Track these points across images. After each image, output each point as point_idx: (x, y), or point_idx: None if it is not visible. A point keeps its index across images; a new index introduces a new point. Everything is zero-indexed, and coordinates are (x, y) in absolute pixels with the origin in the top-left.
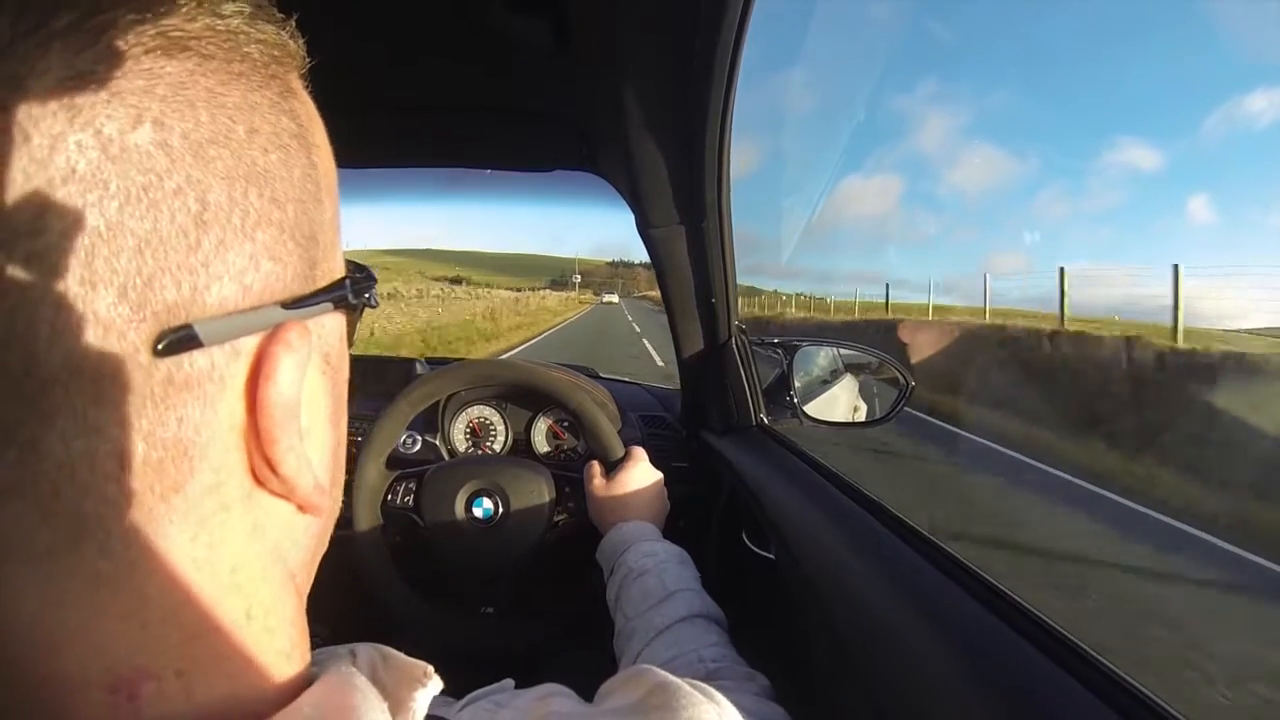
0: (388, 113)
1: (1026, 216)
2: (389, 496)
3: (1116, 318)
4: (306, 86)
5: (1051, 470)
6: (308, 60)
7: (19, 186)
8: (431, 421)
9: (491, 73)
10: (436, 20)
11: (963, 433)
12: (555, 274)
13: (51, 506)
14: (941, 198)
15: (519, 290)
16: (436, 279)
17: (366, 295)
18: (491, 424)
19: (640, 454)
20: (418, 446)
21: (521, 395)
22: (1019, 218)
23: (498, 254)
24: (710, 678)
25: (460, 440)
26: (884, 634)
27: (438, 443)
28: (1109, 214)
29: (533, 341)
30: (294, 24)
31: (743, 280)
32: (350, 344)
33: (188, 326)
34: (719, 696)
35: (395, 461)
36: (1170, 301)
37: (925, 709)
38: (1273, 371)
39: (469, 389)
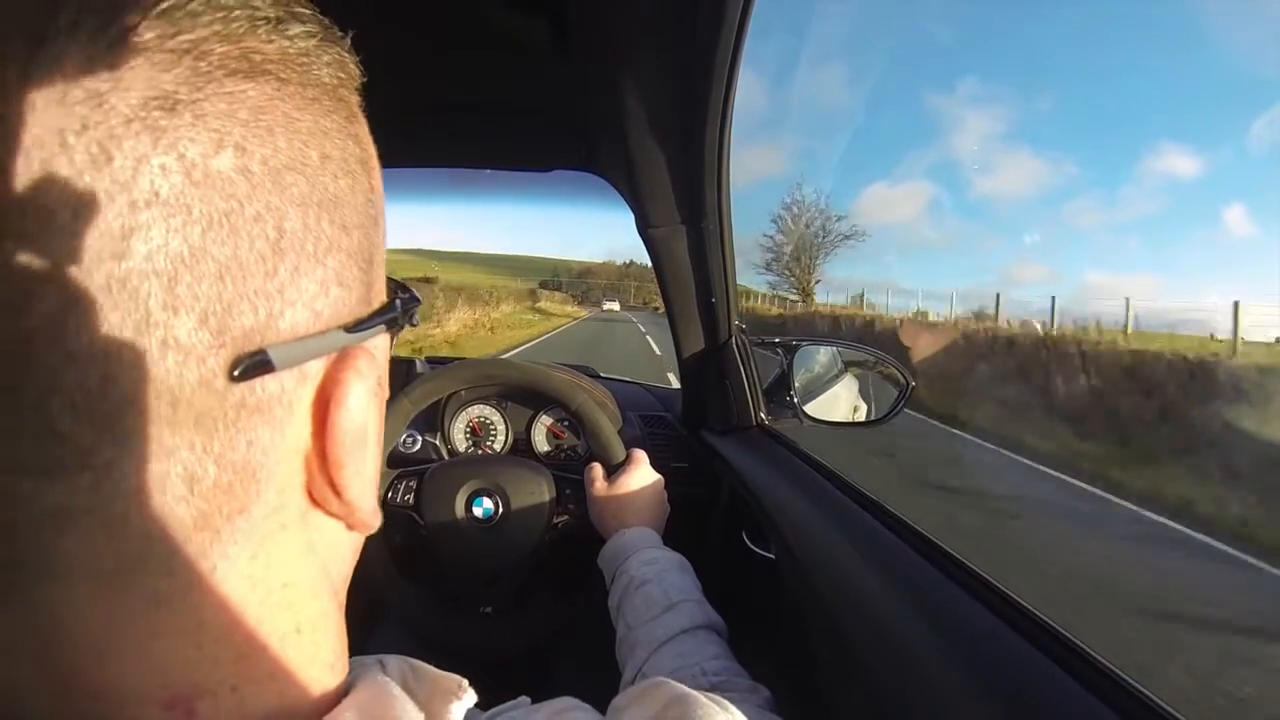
0: (386, 113)
1: (1052, 224)
2: (389, 495)
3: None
4: (362, 106)
5: None
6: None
7: (102, 209)
8: (432, 420)
9: (491, 73)
10: (436, 20)
11: None
12: (548, 274)
13: (121, 529)
14: (962, 204)
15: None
16: (405, 280)
17: (411, 314)
18: (492, 423)
19: (642, 457)
20: (418, 445)
21: (522, 395)
22: (1043, 226)
23: (495, 254)
24: (714, 690)
25: (460, 440)
26: (884, 634)
27: (438, 442)
28: (1138, 223)
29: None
30: (350, 42)
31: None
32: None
33: (263, 352)
34: (734, 709)
35: (395, 460)
36: (1191, 315)
37: (926, 709)
38: None
39: (470, 388)
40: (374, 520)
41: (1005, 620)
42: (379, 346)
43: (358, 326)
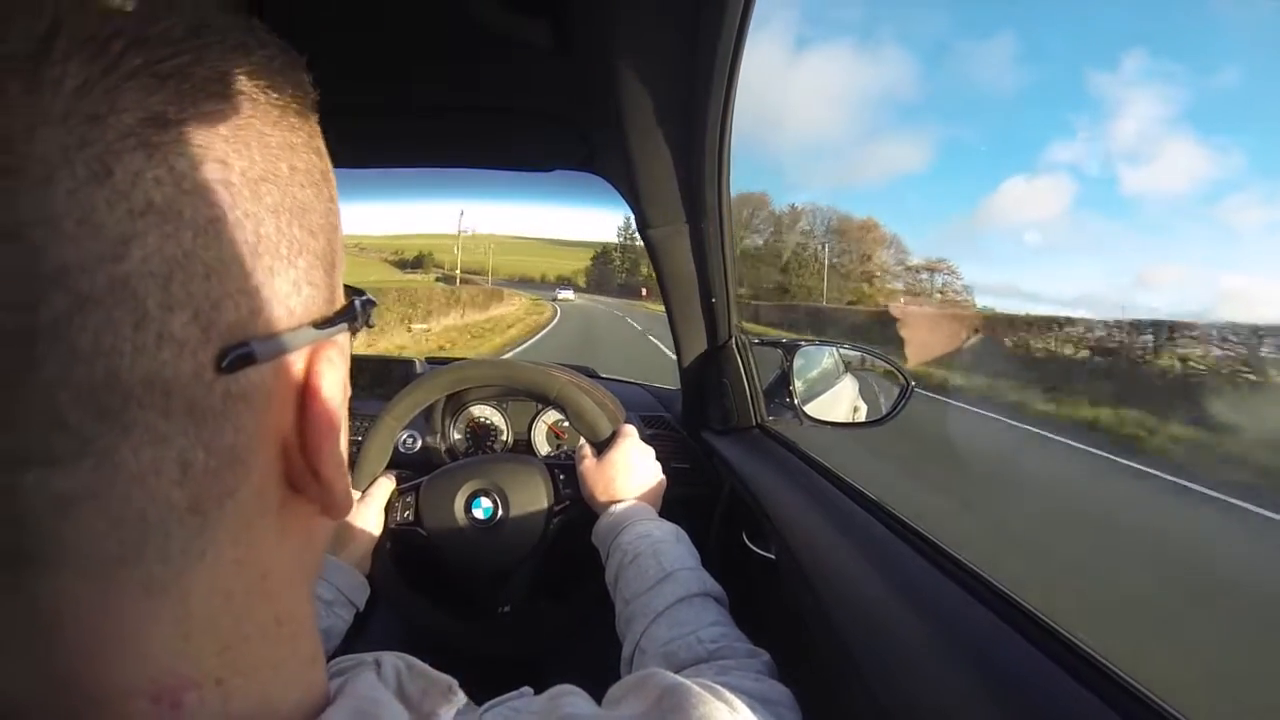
0: (388, 114)
1: (1205, 221)
2: (388, 515)
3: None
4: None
5: None
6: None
7: (102, 215)
8: (432, 422)
9: (491, 73)
10: (436, 21)
11: None
12: (598, 252)
13: (121, 514)
14: (1105, 199)
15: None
16: (396, 262)
17: (369, 315)
18: (493, 424)
19: (629, 431)
20: (418, 445)
21: (518, 394)
22: (1194, 224)
23: (553, 239)
24: (711, 658)
25: (460, 441)
26: (884, 634)
27: (437, 444)
28: None
29: None
30: (307, 65)
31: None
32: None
33: (247, 344)
34: (729, 696)
35: (396, 462)
36: None
37: (926, 710)
38: None
39: (459, 391)
40: (346, 502)
41: (1006, 621)
42: (343, 343)
43: (326, 324)
